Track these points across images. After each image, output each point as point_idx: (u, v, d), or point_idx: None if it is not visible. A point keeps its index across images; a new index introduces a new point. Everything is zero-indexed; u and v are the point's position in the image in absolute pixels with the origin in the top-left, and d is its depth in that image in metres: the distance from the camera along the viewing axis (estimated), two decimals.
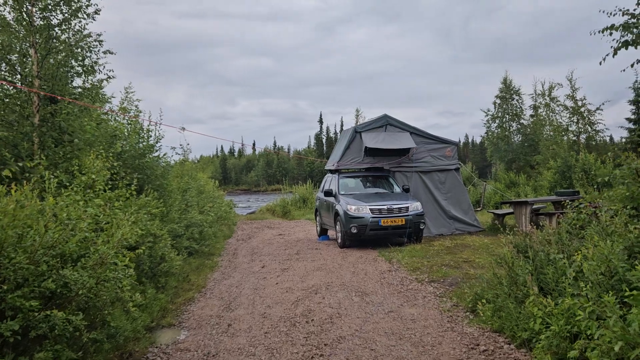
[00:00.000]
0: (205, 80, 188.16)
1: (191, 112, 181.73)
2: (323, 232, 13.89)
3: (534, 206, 12.90)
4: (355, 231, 11.00)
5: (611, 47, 6.12)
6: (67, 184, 6.71)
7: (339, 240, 11.64)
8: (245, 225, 20.15)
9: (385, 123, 13.13)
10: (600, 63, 6.47)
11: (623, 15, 5.96)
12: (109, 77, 10.27)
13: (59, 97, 8.08)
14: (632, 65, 6.30)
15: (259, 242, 14.03)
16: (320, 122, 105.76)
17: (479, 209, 14.63)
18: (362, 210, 11.05)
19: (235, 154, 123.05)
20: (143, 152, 10.15)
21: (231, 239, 15.15)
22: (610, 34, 6.06)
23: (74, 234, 4.48)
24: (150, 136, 11.46)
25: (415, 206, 11.31)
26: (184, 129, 17.54)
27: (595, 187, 19.24)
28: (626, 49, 5.96)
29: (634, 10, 5.89)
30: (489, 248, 10.35)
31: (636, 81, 22.81)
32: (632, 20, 5.71)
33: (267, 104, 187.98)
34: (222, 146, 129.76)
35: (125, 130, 10.42)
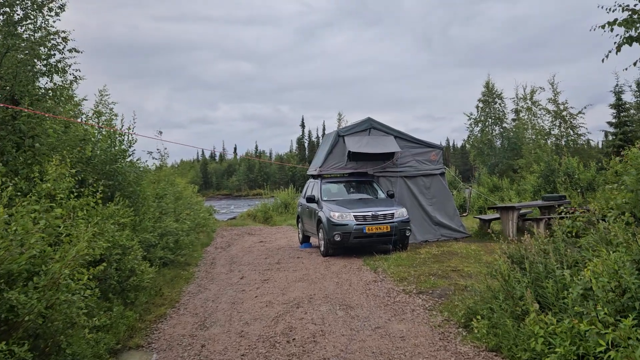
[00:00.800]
0: (185, 84, 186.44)
1: (171, 116, 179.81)
2: (305, 240, 13.42)
3: (521, 211, 12.62)
4: (338, 239, 10.55)
5: (614, 42, 5.82)
6: (28, 191, 6.15)
7: (322, 249, 11.18)
8: (225, 232, 19.59)
9: (369, 126, 12.74)
10: (603, 60, 6.19)
11: (623, 11, 5.66)
12: (77, 78, 9.73)
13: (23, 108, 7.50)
14: (634, 64, 5.99)
15: (238, 250, 13.50)
16: (302, 126, 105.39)
17: (464, 214, 14.33)
18: (346, 217, 10.61)
19: (217, 158, 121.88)
20: (115, 157, 9.59)
21: (210, 247, 14.59)
22: (612, 29, 5.75)
23: (23, 251, 3.95)
24: (123, 140, 10.95)
25: (400, 212, 10.92)
26: (161, 132, 16.99)
27: (579, 191, 19.21)
28: (630, 45, 5.66)
29: (635, 5, 5.59)
30: (478, 255, 10.00)
31: (617, 85, 22.90)
32: (635, 16, 5.40)
33: (248, 108, 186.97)
34: (202, 150, 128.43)
35: (97, 133, 9.84)
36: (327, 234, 10.75)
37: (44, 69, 8.34)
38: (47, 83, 8.53)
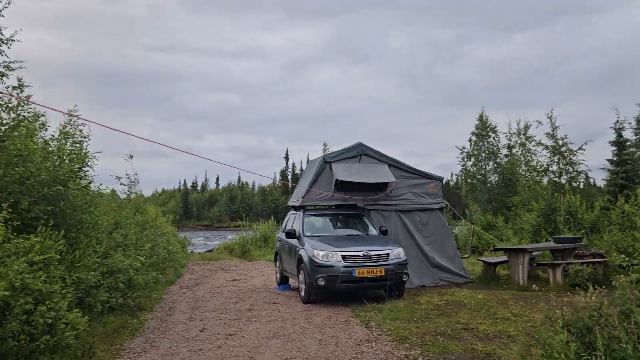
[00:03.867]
0: (171, 114, 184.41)
1: (156, 145, 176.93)
2: (283, 280, 11.64)
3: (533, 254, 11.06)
4: (323, 283, 8.83)
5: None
6: None
7: (302, 294, 9.42)
8: (197, 266, 17.74)
9: (360, 152, 11.19)
10: None
11: None
12: (21, 86, 8.19)
13: None
14: None
15: (206, 290, 11.65)
16: (287, 158, 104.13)
17: (465, 255, 12.74)
18: (332, 257, 8.92)
19: (198, 188, 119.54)
20: (58, 178, 7.89)
21: (174, 285, 12.72)
22: None
23: None
24: (74, 158, 9.29)
25: (396, 253, 9.27)
26: (131, 156, 15.27)
27: (582, 232, 17.79)
28: None
29: None
30: (489, 308, 8.35)
31: (617, 121, 21.89)
32: None
33: (233, 139, 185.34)
34: (185, 180, 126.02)
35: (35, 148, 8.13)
36: (309, 277, 9.02)
37: None
38: None
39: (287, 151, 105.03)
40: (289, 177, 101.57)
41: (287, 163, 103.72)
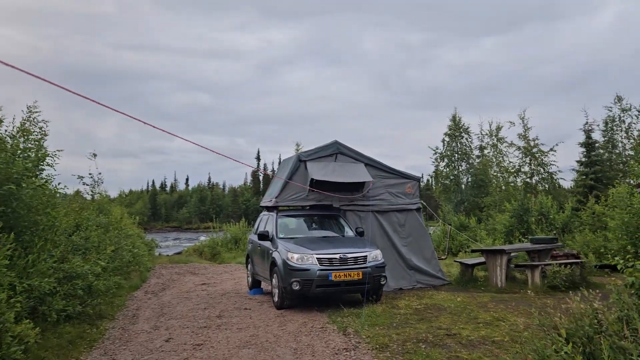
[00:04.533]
0: (141, 114, 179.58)
1: (124, 145, 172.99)
2: (255, 284, 11.15)
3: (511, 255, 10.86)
4: (298, 288, 8.38)
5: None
6: None
7: (276, 299, 8.96)
8: (164, 270, 17.04)
9: (336, 151, 10.79)
10: None
11: None
12: None
13: None
14: None
15: (173, 296, 11.06)
16: (258, 159, 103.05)
17: (443, 257, 12.48)
18: (307, 259, 8.49)
19: (167, 189, 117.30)
20: (10, 177, 7.29)
21: (139, 290, 12.06)
22: None
23: None
24: (29, 155, 8.67)
25: (374, 255, 8.90)
26: (95, 155, 14.53)
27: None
28: None
29: None
30: (470, 311, 8.06)
31: (586, 123, 22.13)
32: None
33: (204, 140, 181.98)
34: (153, 181, 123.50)
35: None
36: (282, 281, 8.56)
37: None
38: None
39: (258, 152, 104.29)
40: (260, 177, 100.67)
41: (258, 164, 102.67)
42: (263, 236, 9.66)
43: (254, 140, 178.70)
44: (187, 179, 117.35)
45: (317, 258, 8.45)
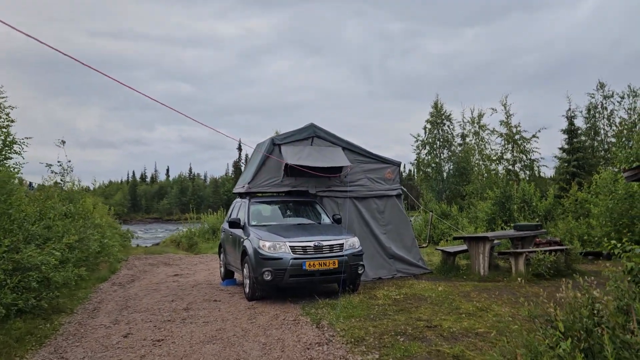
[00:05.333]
0: (121, 103, 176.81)
1: (104, 135, 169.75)
2: (228, 275, 10.61)
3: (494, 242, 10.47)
4: (269, 278, 7.86)
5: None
6: None
7: (247, 290, 8.43)
8: (138, 261, 16.41)
9: (312, 134, 10.26)
10: None
11: None
12: None
13: None
14: None
15: (142, 287, 10.48)
16: (239, 149, 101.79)
17: (424, 245, 12.07)
18: (280, 248, 7.96)
19: (148, 179, 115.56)
20: None
21: (107, 282, 11.45)
22: None
23: None
24: None
25: (351, 243, 8.41)
26: (63, 142, 13.79)
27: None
28: None
29: None
30: (451, 301, 7.63)
31: (569, 109, 21.91)
32: None
33: (185, 131, 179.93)
34: (133, 172, 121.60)
35: None
36: (253, 271, 8.03)
37: None
38: None
39: (239, 142, 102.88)
40: (242, 168, 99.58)
41: (240, 154, 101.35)
42: (234, 224, 9.10)
43: (235, 131, 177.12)
44: (167, 170, 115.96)
45: (290, 246, 7.93)
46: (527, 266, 9.58)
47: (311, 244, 8.01)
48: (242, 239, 8.78)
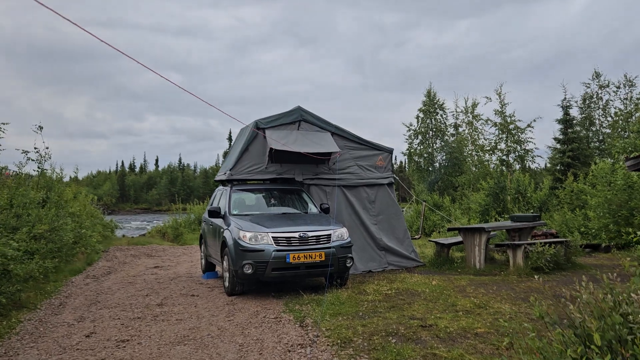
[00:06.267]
0: (110, 93, 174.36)
1: (93, 125, 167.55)
2: (210, 267, 10.00)
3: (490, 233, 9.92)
4: (250, 271, 7.24)
5: None
6: None
7: (227, 284, 7.81)
8: (120, 252, 15.75)
9: (299, 118, 9.63)
10: None
11: None
12: None
13: None
14: None
15: (116, 280, 9.84)
16: (230, 139, 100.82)
17: (417, 236, 11.50)
18: (262, 239, 7.34)
19: (137, 170, 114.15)
20: None
21: (81, 274, 10.79)
22: None
23: None
24: None
25: (339, 234, 7.81)
26: (41, 128, 13.06)
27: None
28: None
29: None
30: (446, 297, 7.08)
31: (564, 99, 21.41)
32: None
33: (176, 121, 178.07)
34: (122, 162, 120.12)
35: None
36: (233, 264, 7.40)
37: None
38: None
39: (230, 132, 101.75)
40: None
41: (229, 144, 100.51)
42: (214, 213, 8.46)
43: (226, 122, 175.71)
44: (156, 160, 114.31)
45: (272, 237, 7.31)
46: (526, 259, 9.05)
47: (296, 234, 7.40)
48: (222, 229, 8.15)
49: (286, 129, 9.46)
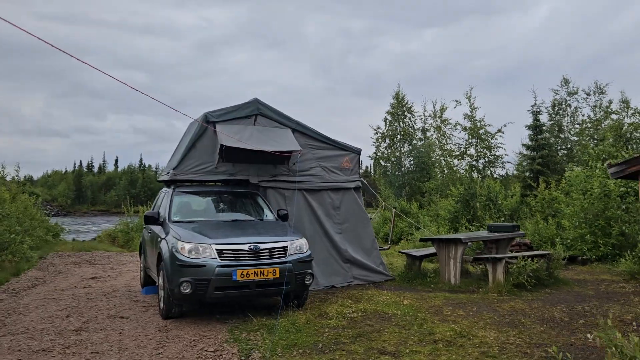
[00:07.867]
0: (68, 90, 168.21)
1: (50, 123, 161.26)
2: (149, 281, 8.68)
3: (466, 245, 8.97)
4: (187, 291, 6.00)
5: None
6: None
7: (161, 305, 6.55)
8: (59, 259, 14.21)
9: (256, 112, 8.47)
10: None
11: None
12: None
13: None
14: None
15: (39, 296, 8.42)
16: None
17: (385, 247, 10.49)
18: (204, 251, 6.12)
19: (95, 170, 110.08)
20: None
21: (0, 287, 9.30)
22: None
23: None
24: None
25: (298, 246, 6.67)
26: None
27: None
28: None
29: None
30: (421, 321, 6.03)
31: (534, 104, 20.94)
32: None
33: (138, 121, 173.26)
34: (80, 161, 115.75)
35: None
36: (169, 281, 6.15)
37: None
38: None
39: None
40: None
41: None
42: (151, 219, 7.17)
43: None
44: (116, 160, 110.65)
45: (217, 250, 6.10)
46: (506, 274, 8.13)
47: (245, 247, 6.20)
48: (159, 239, 6.89)
49: (240, 123, 8.28)
